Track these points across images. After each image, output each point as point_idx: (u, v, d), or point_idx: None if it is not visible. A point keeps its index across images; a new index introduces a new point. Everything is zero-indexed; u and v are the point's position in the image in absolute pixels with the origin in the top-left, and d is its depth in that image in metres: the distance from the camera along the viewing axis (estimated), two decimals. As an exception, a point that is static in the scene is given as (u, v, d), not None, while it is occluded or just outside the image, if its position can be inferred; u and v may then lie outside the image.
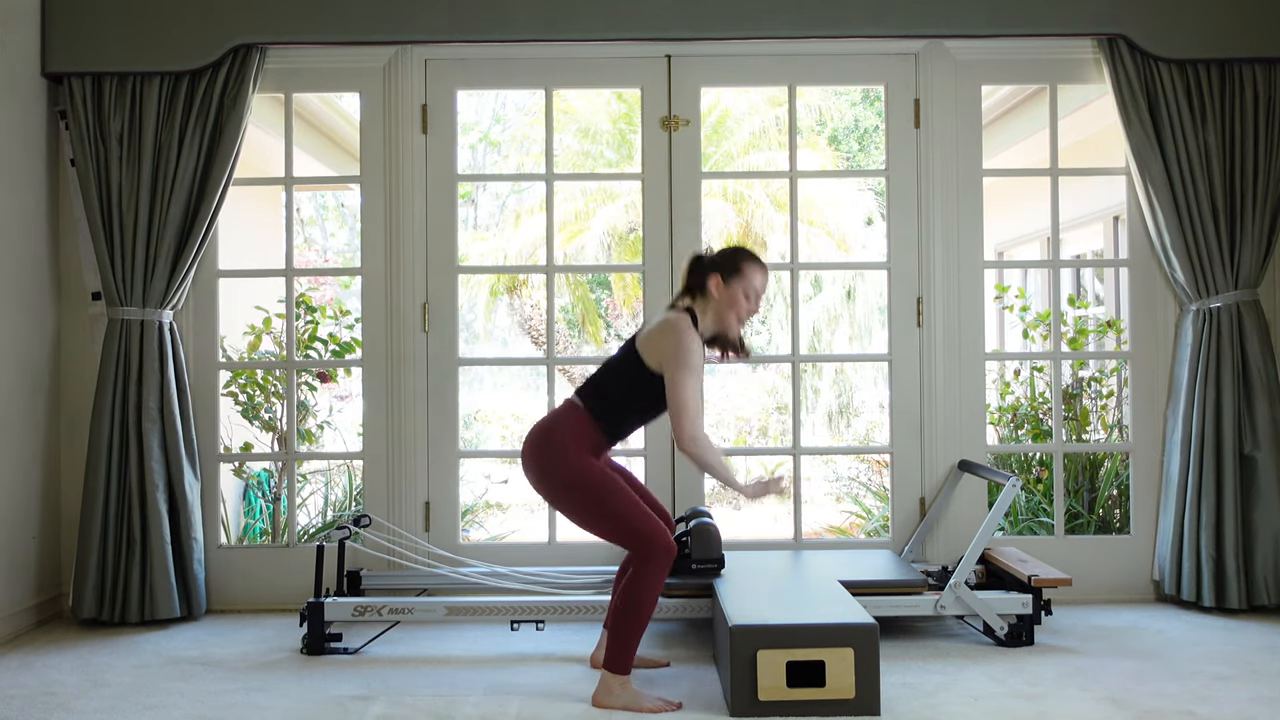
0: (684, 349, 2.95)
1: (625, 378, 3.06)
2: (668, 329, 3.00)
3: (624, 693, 2.92)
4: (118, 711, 2.95)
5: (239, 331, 5.16)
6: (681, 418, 2.93)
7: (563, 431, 3.02)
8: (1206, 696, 2.99)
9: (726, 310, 3.09)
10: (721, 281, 3.08)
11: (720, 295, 3.08)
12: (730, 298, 3.08)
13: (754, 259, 3.13)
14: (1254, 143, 4.01)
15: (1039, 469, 5.09)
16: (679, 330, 2.98)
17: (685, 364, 2.94)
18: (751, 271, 3.10)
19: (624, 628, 2.92)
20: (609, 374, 3.10)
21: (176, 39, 3.99)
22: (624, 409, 3.07)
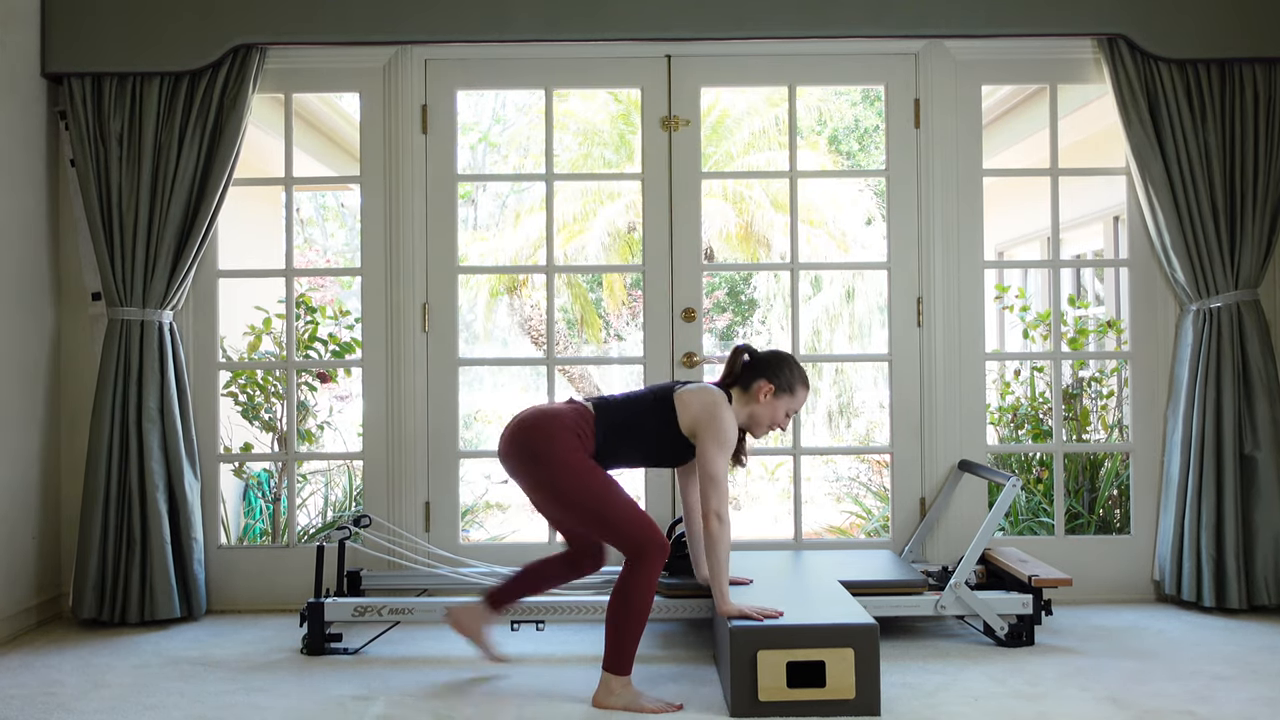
0: (724, 429, 3.02)
1: (649, 416, 3.08)
2: (715, 402, 3.06)
3: (624, 693, 2.91)
4: (118, 712, 2.95)
5: (239, 332, 5.16)
6: (715, 492, 2.98)
7: (564, 421, 3.00)
8: (1207, 696, 2.99)
9: (764, 419, 3.15)
10: (772, 394, 3.14)
11: (764, 404, 3.13)
12: (773, 410, 3.14)
13: (806, 382, 3.20)
14: (1254, 143, 4.01)
15: (1039, 469, 5.09)
16: (723, 408, 3.06)
17: (722, 442, 3.01)
18: (800, 394, 3.18)
19: (622, 628, 2.91)
20: (634, 404, 3.12)
21: (176, 39, 3.99)
22: (630, 438, 3.08)
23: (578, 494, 2.95)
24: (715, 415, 3.03)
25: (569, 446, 2.96)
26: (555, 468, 2.95)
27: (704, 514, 2.99)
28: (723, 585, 2.99)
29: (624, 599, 2.91)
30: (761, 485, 9.71)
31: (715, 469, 2.98)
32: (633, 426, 3.08)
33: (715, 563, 2.99)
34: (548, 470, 2.96)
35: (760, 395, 3.12)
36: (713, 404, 3.04)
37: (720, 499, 2.97)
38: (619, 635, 2.91)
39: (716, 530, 2.97)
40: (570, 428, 3.00)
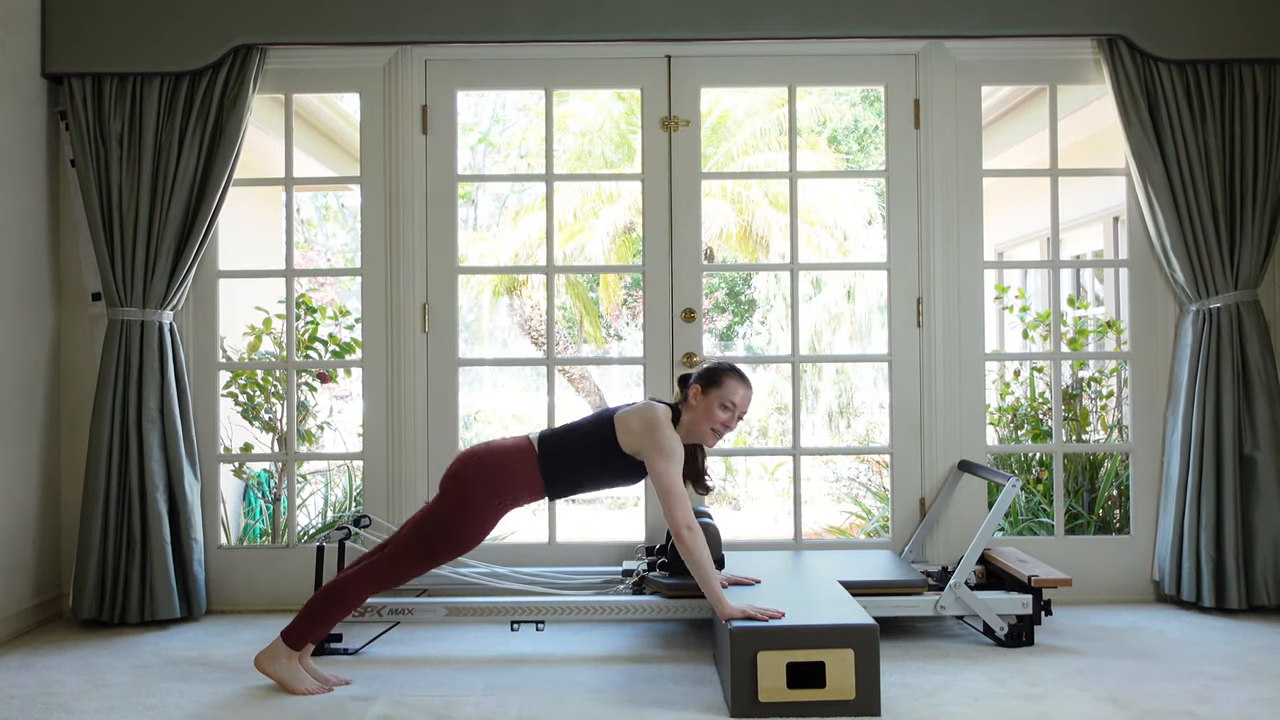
0: (662, 438, 3.04)
1: (591, 443, 3.12)
2: (649, 421, 3.08)
3: (287, 665, 3.05)
4: (118, 712, 2.95)
5: (239, 332, 5.16)
6: (675, 508, 2.99)
7: (502, 467, 3.09)
8: (1206, 697, 2.99)
9: (702, 419, 3.15)
10: (700, 391, 3.15)
11: (697, 404, 3.15)
12: (706, 407, 3.15)
13: (736, 373, 3.19)
14: (1254, 143, 4.01)
15: (1039, 469, 5.09)
16: (656, 420, 3.08)
17: (665, 453, 3.03)
18: (730, 383, 3.16)
19: (324, 612, 3.07)
20: (576, 434, 3.16)
21: (176, 39, 3.99)
22: (577, 470, 3.13)
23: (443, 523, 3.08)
24: (652, 427, 3.06)
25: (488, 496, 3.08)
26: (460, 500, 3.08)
27: (672, 530, 3.00)
28: (716, 592, 2.99)
29: (343, 587, 3.07)
30: (761, 485, 9.72)
31: (667, 481, 3.00)
32: (575, 456, 3.12)
33: (700, 573, 2.99)
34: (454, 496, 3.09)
35: (692, 398, 3.15)
36: (650, 419, 3.08)
37: (682, 510, 2.98)
38: (313, 616, 3.07)
39: (689, 541, 2.97)
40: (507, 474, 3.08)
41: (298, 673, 3.08)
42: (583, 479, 3.17)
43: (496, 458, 3.12)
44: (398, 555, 3.12)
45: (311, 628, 3.10)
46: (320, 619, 3.10)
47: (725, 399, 3.14)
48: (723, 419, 3.15)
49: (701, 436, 3.18)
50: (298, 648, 3.10)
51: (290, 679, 3.07)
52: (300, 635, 3.10)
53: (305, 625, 3.09)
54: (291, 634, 3.09)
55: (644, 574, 3.68)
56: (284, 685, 3.08)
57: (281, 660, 3.07)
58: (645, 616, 3.51)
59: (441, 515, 3.10)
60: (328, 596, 3.11)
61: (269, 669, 3.09)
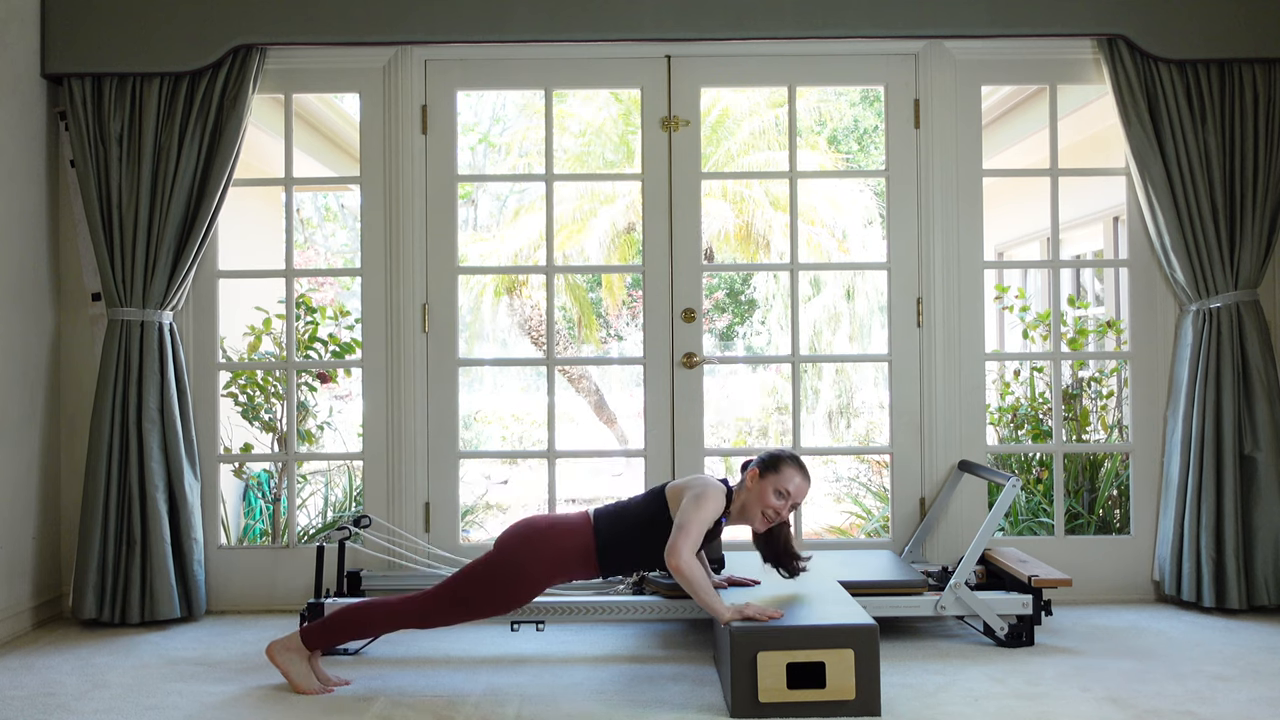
0: (703, 495, 3.03)
1: (645, 519, 3.10)
2: (704, 483, 3.09)
3: (299, 664, 3.08)
4: (118, 712, 2.95)
5: (239, 332, 5.16)
6: (681, 541, 2.96)
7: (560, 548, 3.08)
8: (1207, 697, 2.99)
9: (755, 502, 3.14)
10: (758, 475, 3.14)
11: (752, 487, 3.14)
12: (760, 490, 3.13)
13: (797, 464, 3.17)
14: (1254, 143, 4.01)
15: (1039, 469, 5.09)
16: (710, 486, 3.08)
17: (699, 505, 3.01)
18: (788, 471, 3.14)
19: (348, 629, 3.10)
20: (634, 512, 3.14)
21: (176, 40, 3.99)
22: (632, 548, 3.11)
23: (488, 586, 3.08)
24: (699, 489, 3.06)
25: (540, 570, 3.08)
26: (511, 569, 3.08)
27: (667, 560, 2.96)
28: (713, 603, 2.98)
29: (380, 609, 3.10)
30: (761, 485, 9.69)
31: (685, 519, 2.99)
32: (630, 532, 3.10)
33: (698, 594, 2.97)
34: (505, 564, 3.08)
35: (748, 480, 3.16)
36: (702, 483, 3.09)
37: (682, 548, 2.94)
38: (335, 626, 3.09)
39: (685, 572, 2.94)
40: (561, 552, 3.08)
41: (305, 671, 3.10)
42: (637, 557, 3.14)
43: (558, 537, 3.10)
44: (439, 601, 3.10)
45: (331, 637, 3.12)
46: (342, 631, 3.12)
47: (781, 485, 3.12)
48: (775, 505, 3.12)
49: (751, 519, 3.16)
50: (313, 649, 3.11)
51: (296, 675, 3.08)
52: (319, 639, 3.11)
53: (328, 633, 3.11)
54: (310, 634, 3.11)
55: (644, 574, 3.68)
56: (288, 678, 3.09)
57: (294, 654, 3.10)
58: (645, 616, 3.51)
59: (490, 576, 3.08)
60: (361, 615, 3.11)
61: (279, 659, 3.10)
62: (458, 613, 3.12)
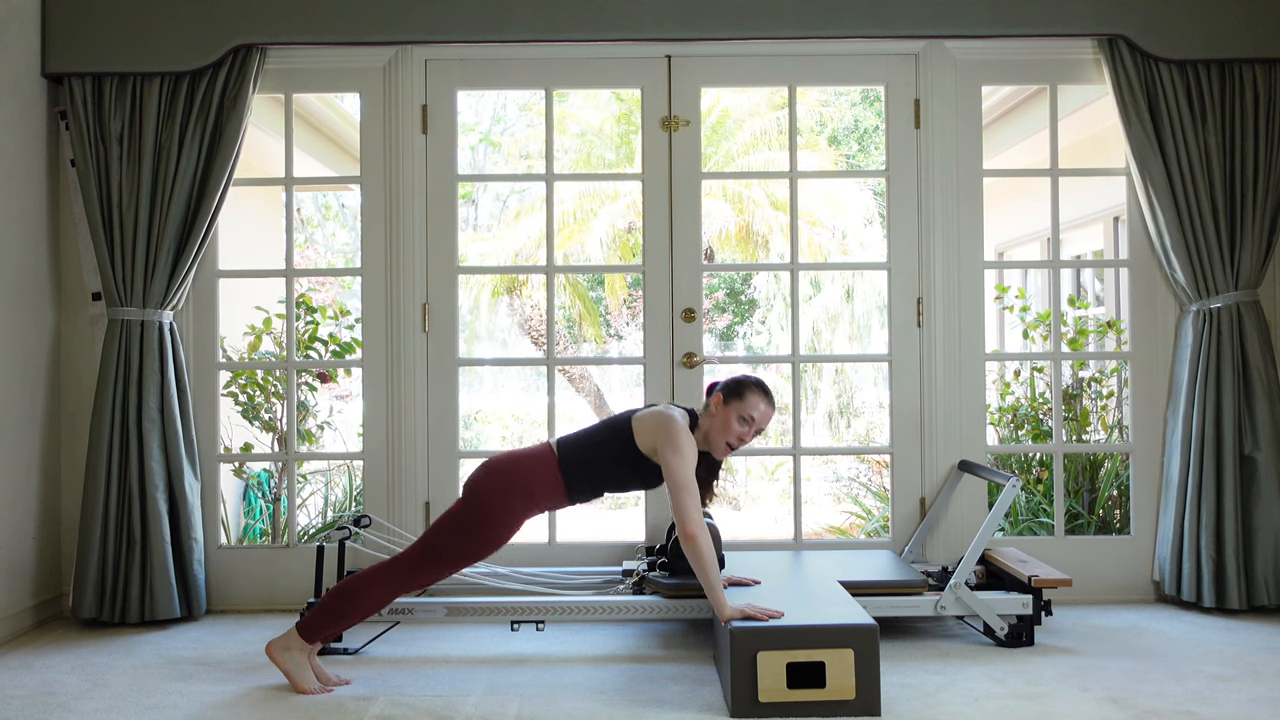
0: (677, 439, 3.03)
1: (610, 445, 3.12)
2: (664, 419, 3.08)
3: (298, 658, 3.06)
4: (118, 711, 2.95)
5: (239, 332, 5.17)
6: (685, 505, 2.97)
7: (525, 476, 3.09)
8: (1207, 697, 2.99)
9: (720, 430, 3.15)
10: (722, 401, 3.15)
11: (717, 414, 3.15)
12: (725, 418, 3.14)
13: (760, 389, 3.18)
14: (1254, 143, 4.01)
15: (1039, 469, 5.09)
16: (673, 422, 3.06)
17: (679, 452, 3.01)
18: (752, 397, 3.15)
19: (341, 609, 3.06)
20: (595, 437, 3.16)
21: (176, 39, 3.99)
22: (597, 472, 3.12)
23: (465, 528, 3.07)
24: (667, 426, 3.05)
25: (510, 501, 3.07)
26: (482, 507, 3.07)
27: (680, 531, 2.97)
28: (718, 594, 2.98)
29: (364, 584, 3.06)
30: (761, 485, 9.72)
31: (680, 476, 2.99)
32: (595, 459, 3.12)
33: (704, 575, 2.98)
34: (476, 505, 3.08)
35: (712, 406, 3.15)
36: (666, 419, 3.07)
37: (692, 509, 2.96)
38: (328, 612, 3.06)
39: (697, 542, 2.95)
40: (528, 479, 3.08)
41: (305, 670, 3.09)
42: (603, 481, 3.15)
43: (517, 465, 3.12)
44: (412, 558, 3.10)
45: (325, 622, 3.09)
46: (335, 614, 3.09)
47: (745, 412, 3.13)
48: (739, 432, 3.14)
49: (715, 447, 3.17)
50: (311, 641, 3.10)
51: (296, 674, 3.07)
52: (314, 629, 3.10)
53: (319, 621, 3.09)
54: (306, 626, 3.10)
55: (644, 574, 3.68)
56: (289, 678, 3.08)
57: (294, 652, 3.08)
58: (645, 616, 3.51)
59: (459, 522, 3.09)
60: (342, 591, 3.10)
61: (279, 659, 3.09)
62: (433, 566, 3.10)
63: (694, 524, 2.95)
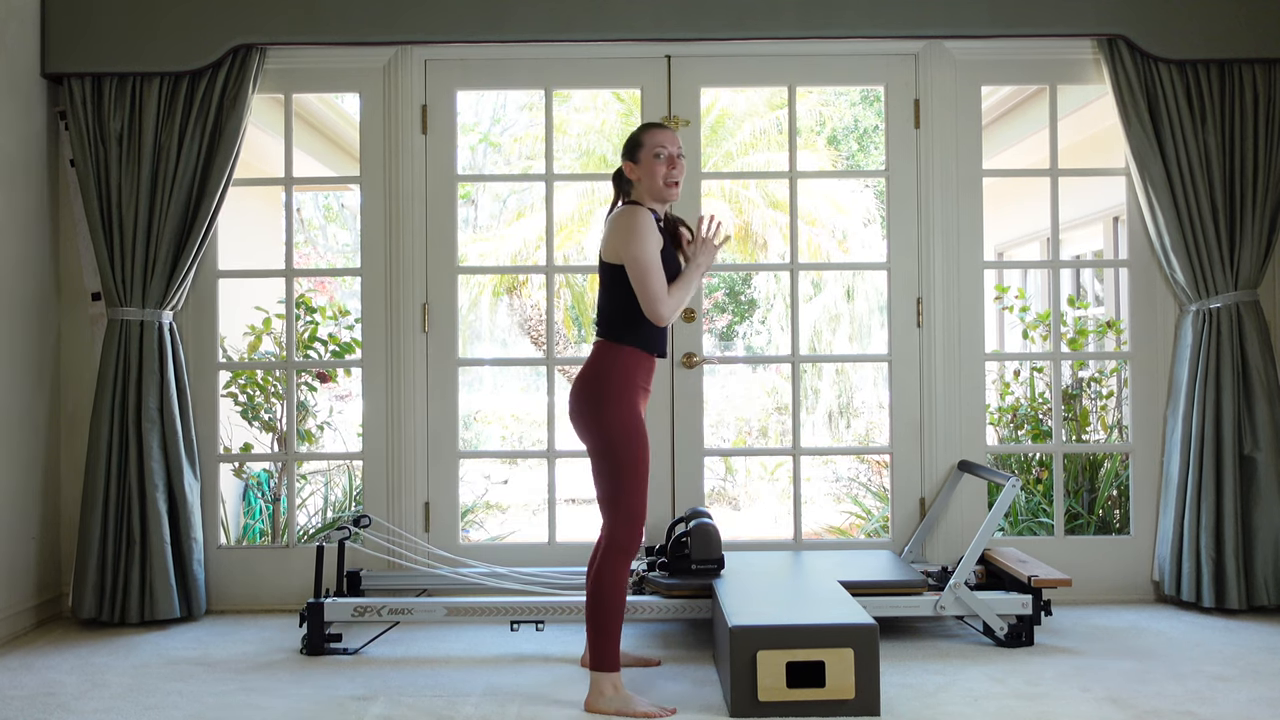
0: (634, 225, 2.98)
1: (613, 291, 3.05)
2: (615, 220, 3.05)
3: (616, 696, 2.91)
4: (118, 711, 2.95)
5: (239, 332, 5.16)
6: (644, 298, 2.95)
7: (606, 371, 3.00)
8: (1207, 697, 2.99)
9: (651, 181, 3.08)
10: (632, 164, 3.11)
11: (638, 173, 3.10)
12: (647, 169, 3.08)
13: (649, 125, 3.17)
14: (1254, 143, 4.01)
15: (1039, 469, 5.09)
16: (625, 213, 3.04)
17: (638, 237, 2.96)
18: (648, 134, 3.11)
19: (598, 624, 2.93)
20: (602, 299, 3.11)
21: (176, 39, 3.99)
22: (633, 317, 3.02)
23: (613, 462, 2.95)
24: (616, 224, 3.03)
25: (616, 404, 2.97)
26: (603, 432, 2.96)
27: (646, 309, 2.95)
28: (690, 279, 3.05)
29: (598, 592, 2.94)
30: (761, 485, 9.72)
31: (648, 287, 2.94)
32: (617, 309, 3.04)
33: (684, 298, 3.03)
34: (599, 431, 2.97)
35: (630, 175, 3.11)
36: (613, 221, 3.05)
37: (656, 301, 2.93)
38: (597, 631, 2.94)
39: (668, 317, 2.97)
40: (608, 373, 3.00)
41: (631, 699, 2.92)
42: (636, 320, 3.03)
43: (589, 373, 3.04)
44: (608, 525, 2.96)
45: (603, 639, 2.93)
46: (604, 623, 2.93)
47: (655, 148, 3.08)
48: (665, 170, 3.07)
49: (663, 195, 3.09)
50: (613, 669, 2.94)
51: (625, 705, 2.90)
52: (602, 655, 2.94)
53: (599, 642, 2.94)
54: (597, 659, 2.94)
55: (644, 574, 3.68)
56: (621, 714, 2.89)
57: (609, 693, 2.92)
58: (645, 616, 3.51)
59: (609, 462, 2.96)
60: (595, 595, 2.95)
61: (600, 706, 2.91)
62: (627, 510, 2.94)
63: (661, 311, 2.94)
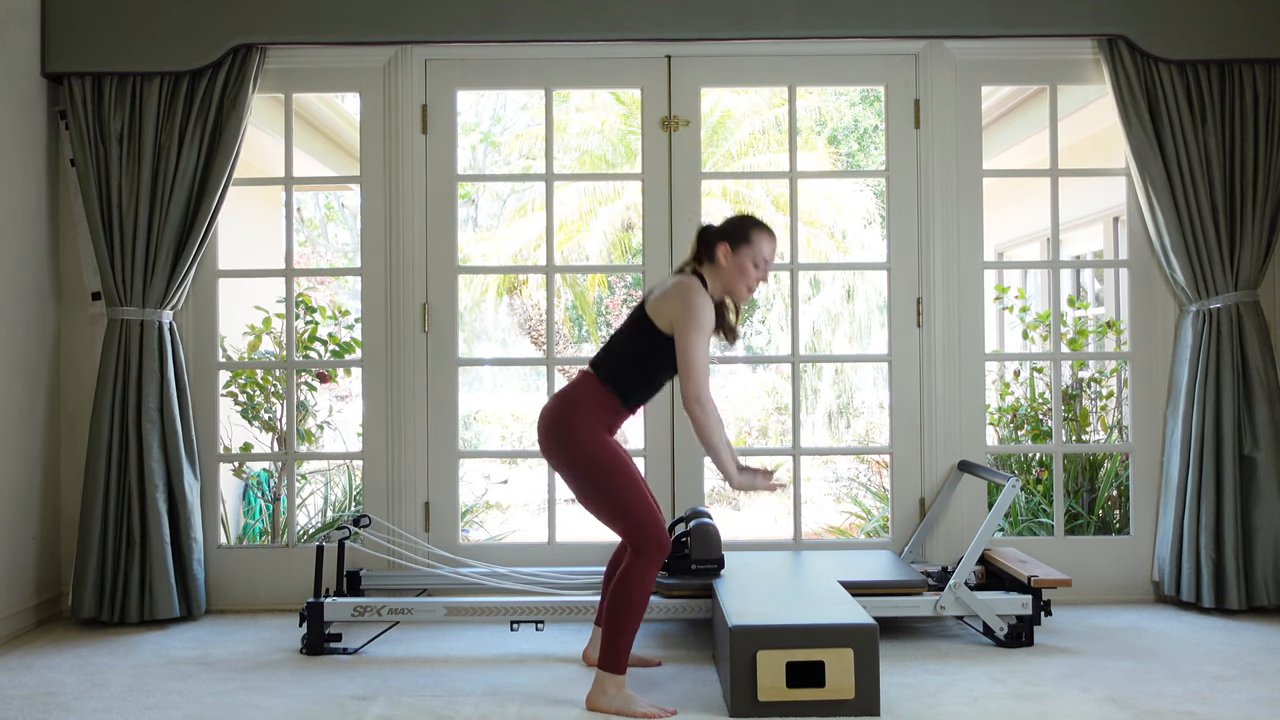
0: (696, 308, 2.96)
1: (636, 340, 3.05)
2: (681, 290, 3.00)
3: (618, 695, 2.91)
4: (117, 711, 2.95)
5: (239, 331, 5.16)
6: (689, 377, 2.93)
7: (576, 402, 3.01)
8: (1206, 697, 2.99)
9: (736, 279, 3.08)
10: (730, 250, 3.07)
11: (729, 264, 3.07)
12: (739, 266, 3.07)
13: (762, 227, 3.12)
14: (1254, 143, 4.00)
15: (1039, 470, 5.09)
16: (691, 290, 2.99)
17: (696, 323, 2.94)
18: (760, 240, 3.09)
19: (617, 625, 2.91)
20: (619, 339, 3.10)
21: (176, 39, 3.99)
22: (635, 372, 3.04)
23: (596, 483, 2.96)
24: (683, 298, 2.98)
25: (587, 431, 2.96)
26: (575, 457, 2.97)
27: (685, 404, 2.94)
28: (726, 462, 2.98)
29: (621, 596, 2.91)
30: (761, 485, 9.70)
31: (689, 354, 2.93)
32: (629, 359, 3.04)
33: (711, 448, 2.97)
34: (570, 460, 2.98)
35: (722, 259, 3.07)
36: (679, 289, 3.00)
37: (697, 384, 2.92)
38: (613, 633, 2.92)
39: (700, 416, 2.93)
40: (584, 405, 2.99)
41: (633, 699, 2.91)
42: (639, 377, 3.05)
43: (558, 402, 3.03)
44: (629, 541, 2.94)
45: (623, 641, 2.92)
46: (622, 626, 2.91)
47: (758, 257, 3.07)
48: (756, 275, 3.08)
49: (737, 296, 3.10)
50: (623, 671, 2.92)
51: (626, 705, 2.89)
52: (617, 655, 2.92)
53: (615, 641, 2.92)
54: (608, 660, 2.92)
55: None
56: (622, 714, 2.89)
57: (611, 691, 2.91)
58: (646, 616, 3.50)
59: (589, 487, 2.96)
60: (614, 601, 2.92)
61: (602, 705, 2.91)
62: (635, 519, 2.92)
63: (697, 398, 2.91)
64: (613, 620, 2.91)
